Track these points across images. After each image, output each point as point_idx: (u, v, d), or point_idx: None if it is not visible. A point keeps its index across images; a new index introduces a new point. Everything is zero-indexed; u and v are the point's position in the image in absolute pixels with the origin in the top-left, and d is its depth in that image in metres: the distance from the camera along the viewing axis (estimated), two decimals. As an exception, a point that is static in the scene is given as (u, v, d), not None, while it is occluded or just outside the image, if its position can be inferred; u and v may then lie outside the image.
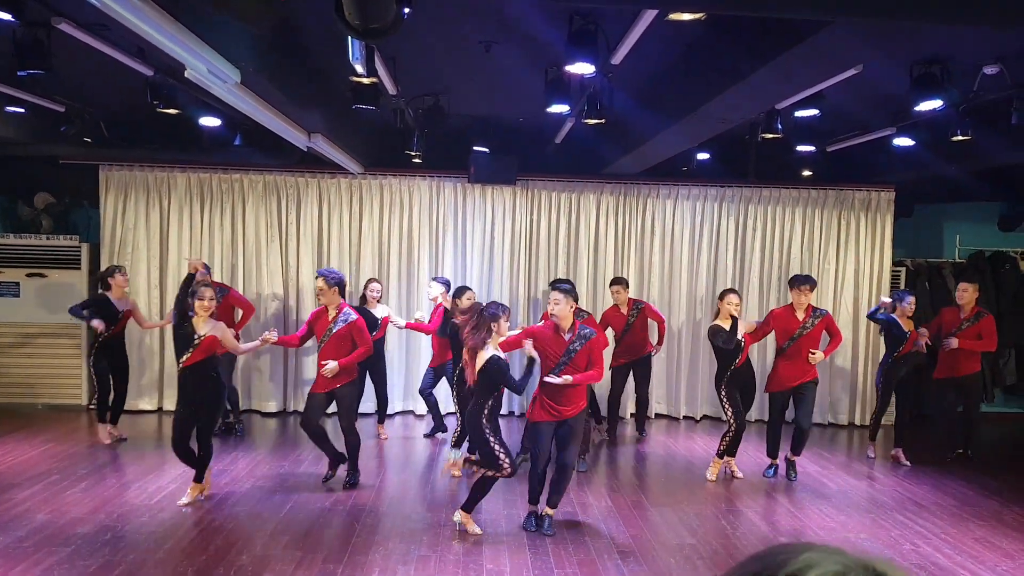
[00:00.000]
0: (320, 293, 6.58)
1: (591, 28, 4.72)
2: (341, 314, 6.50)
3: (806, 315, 7.13)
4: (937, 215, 10.92)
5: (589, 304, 9.53)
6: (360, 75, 5.11)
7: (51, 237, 9.57)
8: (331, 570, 4.93)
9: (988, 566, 5.37)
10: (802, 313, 7.14)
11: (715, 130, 6.78)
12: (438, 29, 5.42)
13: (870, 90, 6.35)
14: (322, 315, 6.58)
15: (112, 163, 9.43)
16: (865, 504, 6.74)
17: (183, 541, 5.40)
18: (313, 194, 9.68)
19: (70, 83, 6.84)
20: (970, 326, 7.69)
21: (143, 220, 9.51)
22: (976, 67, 5.59)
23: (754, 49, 4.81)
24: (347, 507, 6.20)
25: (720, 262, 9.97)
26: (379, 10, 3.19)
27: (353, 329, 6.51)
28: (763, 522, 6.16)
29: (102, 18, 4.04)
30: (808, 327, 7.09)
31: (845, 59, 4.73)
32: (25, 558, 4.96)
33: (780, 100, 6.04)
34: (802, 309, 7.15)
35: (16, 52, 4.93)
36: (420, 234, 9.79)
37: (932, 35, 4.59)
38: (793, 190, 9.95)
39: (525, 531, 5.75)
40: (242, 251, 9.65)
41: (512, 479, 5.92)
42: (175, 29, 3.91)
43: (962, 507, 6.65)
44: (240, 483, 6.73)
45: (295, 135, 6.83)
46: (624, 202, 9.93)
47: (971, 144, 6.77)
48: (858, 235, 9.96)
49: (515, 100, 7.49)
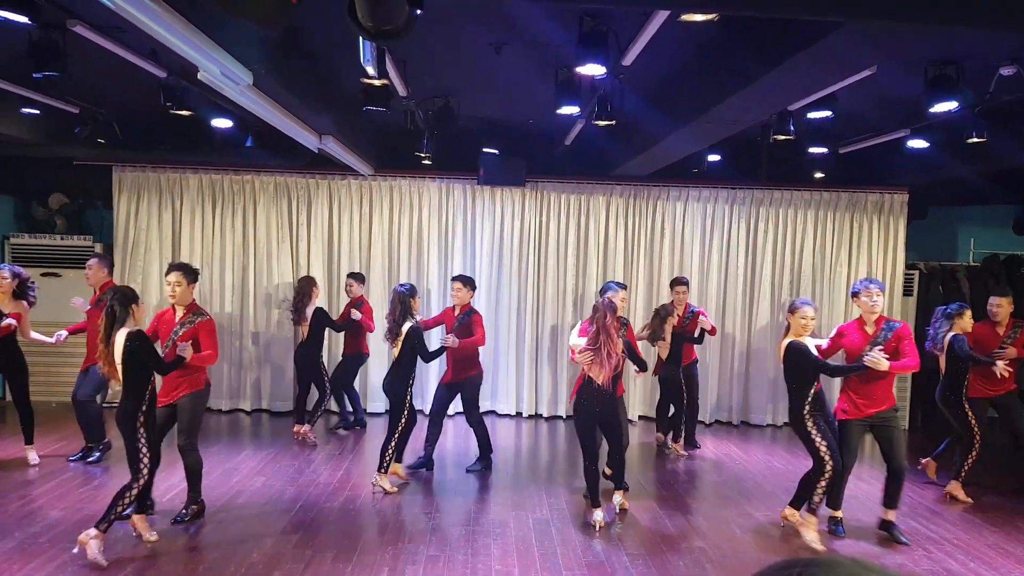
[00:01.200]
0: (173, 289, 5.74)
1: (602, 29, 4.72)
2: (189, 315, 5.76)
3: (877, 327, 5.84)
4: (951, 218, 10.84)
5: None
6: (371, 77, 5.13)
7: (65, 237, 9.66)
8: (340, 569, 4.95)
9: (1002, 573, 5.33)
10: (872, 327, 5.86)
11: (726, 132, 6.75)
12: (448, 31, 5.43)
13: (884, 91, 6.31)
14: (168, 316, 5.88)
15: (125, 164, 9.51)
16: (877, 509, 6.69)
17: (194, 538, 5.44)
18: (324, 195, 9.72)
19: (84, 85, 6.89)
20: (1012, 341, 6.99)
21: (156, 221, 9.58)
22: (992, 68, 5.55)
23: (766, 51, 4.80)
24: (356, 507, 6.21)
25: (731, 265, 9.93)
26: (391, 12, 3.20)
27: (201, 331, 5.71)
28: (773, 526, 6.13)
29: (116, 20, 4.07)
30: (880, 341, 5.73)
31: (858, 61, 4.70)
32: (40, 554, 5.01)
33: (792, 102, 6.02)
34: (871, 321, 5.87)
35: (31, 54, 4.98)
36: (429, 235, 9.81)
37: (946, 36, 4.57)
38: (805, 192, 9.90)
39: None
40: (253, 252, 9.70)
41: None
42: (188, 31, 3.93)
43: (975, 513, 6.60)
44: (251, 481, 6.76)
45: (306, 137, 6.86)
46: (634, 204, 9.91)
47: (986, 146, 6.71)
48: (871, 238, 9.90)
49: (525, 102, 7.50)
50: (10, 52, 5.53)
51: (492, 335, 9.90)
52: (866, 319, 5.87)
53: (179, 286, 5.69)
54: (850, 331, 5.97)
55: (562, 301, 9.92)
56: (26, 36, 4.93)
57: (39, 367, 9.44)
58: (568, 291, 9.88)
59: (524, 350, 9.93)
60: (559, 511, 6.28)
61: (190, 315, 5.75)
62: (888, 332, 5.75)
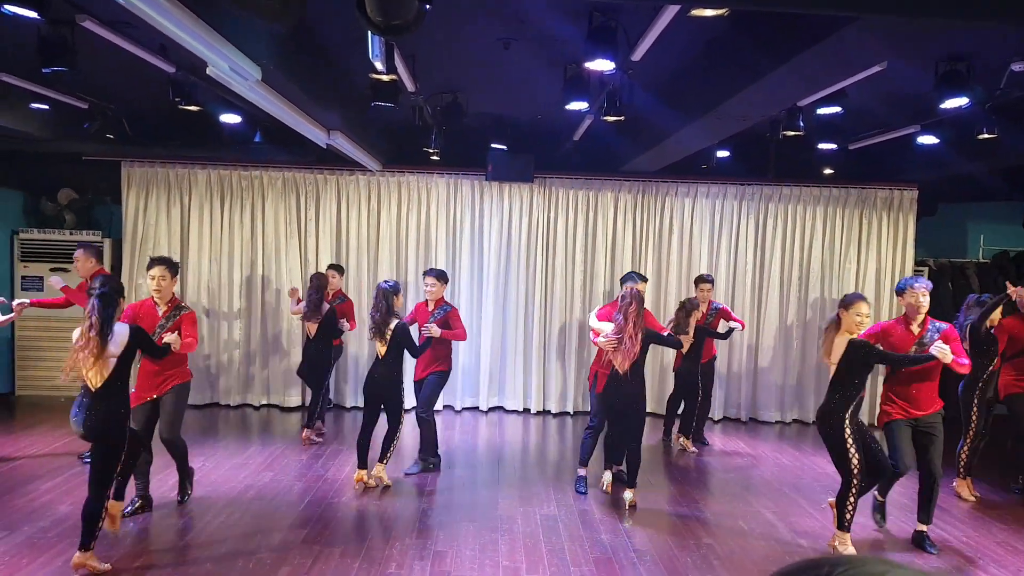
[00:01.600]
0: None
1: (611, 25, 4.70)
2: (172, 310, 5.66)
3: (924, 327, 5.61)
4: (961, 214, 10.78)
5: (605, 302, 9.50)
6: (379, 72, 5.12)
7: (74, 232, 9.69)
8: (348, 564, 4.96)
9: (1011, 570, 5.30)
10: (918, 327, 5.63)
11: (735, 128, 6.72)
12: (457, 26, 5.42)
13: (894, 87, 6.27)
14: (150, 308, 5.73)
15: (134, 159, 9.54)
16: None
17: (203, 533, 5.46)
18: (332, 191, 9.73)
19: (93, 80, 6.91)
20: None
21: (164, 216, 9.61)
22: (1003, 63, 5.51)
23: (776, 47, 4.77)
24: (364, 503, 6.23)
25: (739, 261, 9.90)
26: (400, 7, 3.20)
27: (184, 322, 5.60)
28: (781, 523, 6.11)
29: (125, 16, 4.08)
30: (926, 342, 5.52)
31: (868, 57, 4.68)
32: (48, 548, 5.03)
33: (802, 98, 5.99)
34: (917, 321, 5.64)
35: (41, 49, 4.99)
36: (437, 231, 9.81)
37: (957, 32, 4.54)
38: (814, 188, 9.87)
39: (548, 527, 5.74)
40: (261, 247, 9.72)
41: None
42: (197, 27, 3.94)
43: (985, 510, 6.57)
44: (259, 476, 6.78)
45: (314, 132, 6.86)
46: (642, 200, 9.89)
47: (997, 142, 6.67)
48: (880, 234, 9.86)
49: (533, 97, 7.48)
50: (19, 47, 5.55)
51: (500, 331, 9.92)
52: (912, 317, 5.63)
53: (163, 280, 5.61)
54: (895, 330, 5.69)
55: (570, 297, 9.91)
56: (35, 31, 4.94)
57: (50, 360, 9.50)
58: (576, 287, 9.87)
59: (532, 346, 9.92)
60: (567, 507, 6.28)
61: (173, 310, 5.66)
62: (935, 333, 5.54)
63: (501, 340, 9.91)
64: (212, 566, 4.90)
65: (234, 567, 4.88)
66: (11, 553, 4.96)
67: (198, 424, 8.96)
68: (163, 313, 5.65)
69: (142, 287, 9.56)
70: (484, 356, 9.90)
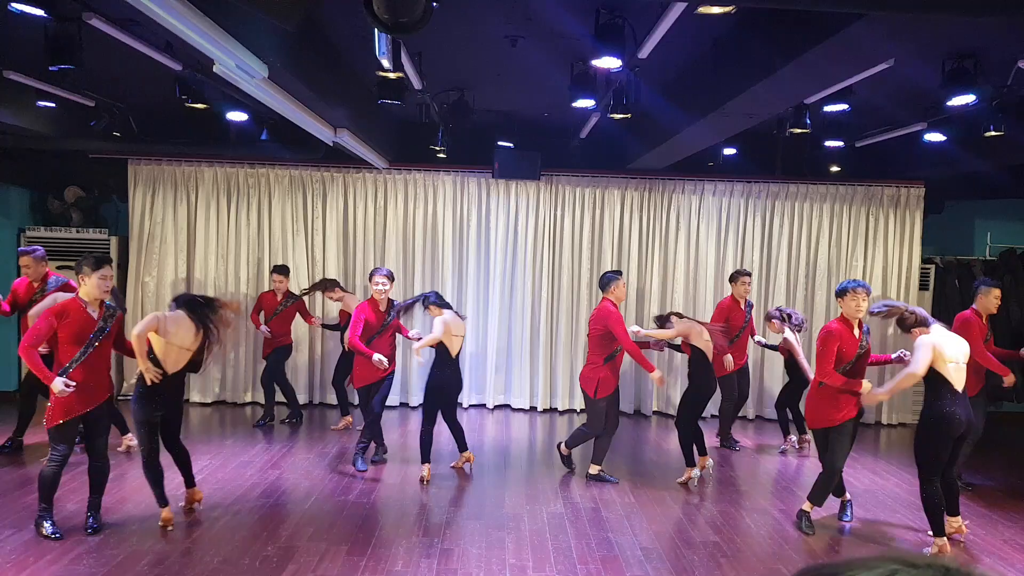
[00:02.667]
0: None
1: (618, 22, 4.69)
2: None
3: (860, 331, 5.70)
4: (968, 212, 10.73)
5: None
6: (386, 70, 5.12)
7: (80, 230, 9.71)
8: (355, 562, 4.97)
9: (1018, 568, 5.29)
10: (858, 330, 5.70)
11: (742, 125, 6.71)
12: (464, 24, 5.42)
13: (901, 84, 6.25)
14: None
15: (141, 157, 9.56)
16: (891, 503, 6.67)
17: (209, 531, 5.47)
18: (338, 189, 9.74)
19: (100, 78, 6.92)
20: None
21: (171, 214, 9.63)
22: (1010, 61, 5.48)
23: (783, 44, 4.76)
24: (370, 500, 6.24)
25: (746, 258, 9.88)
26: (408, 4, 3.19)
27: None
28: (787, 521, 6.10)
29: (132, 13, 4.08)
30: (864, 346, 5.67)
31: (875, 54, 4.66)
32: (55, 546, 5.05)
33: (808, 95, 5.97)
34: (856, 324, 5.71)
35: (47, 47, 4.99)
36: (444, 229, 9.81)
37: (964, 29, 4.51)
38: (821, 186, 9.84)
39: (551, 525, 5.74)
40: (268, 245, 9.74)
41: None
42: (204, 24, 3.94)
43: (991, 509, 6.56)
44: (265, 474, 6.79)
45: (321, 130, 6.87)
46: (649, 198, 9.87)
47: (1004, 140, 6.64)
48: (887, 232, 9.83)
49: (540, 95, 7.48)
50: (27, 45, 5.56)
51: (506, 329, 9.92)
52: (852, 320, 5.64)
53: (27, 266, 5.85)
54: (847, 335, 5.62)
55: (576, 295, 9.90)
56: (42, 29, 4.95)
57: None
58: (583, 285, 9.86)
59: (539, 344, 9.91)
60: (573, 505, 6.28)
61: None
62: (867, 335, 5.73)
63: (507, 338, 9.90)
64: (219, 563, 4.91)
65: (241, 565, 4.89)
66: (19, 551, 4.98)
67: (205, 422, 8.99)
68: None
69: (148, 285, 9.61)
70: (490, 354, 9.90)
